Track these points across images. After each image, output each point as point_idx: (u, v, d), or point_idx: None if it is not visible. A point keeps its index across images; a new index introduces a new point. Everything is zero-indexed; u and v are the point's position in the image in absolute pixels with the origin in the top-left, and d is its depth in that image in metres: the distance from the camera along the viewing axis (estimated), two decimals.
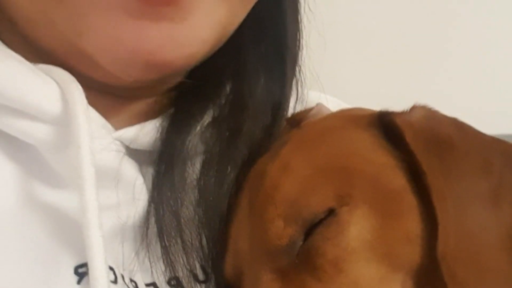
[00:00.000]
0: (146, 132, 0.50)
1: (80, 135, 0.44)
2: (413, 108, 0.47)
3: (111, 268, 0.44)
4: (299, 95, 0.59)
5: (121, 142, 0.50)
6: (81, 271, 0.44)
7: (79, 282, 0.43)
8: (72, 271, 0.44)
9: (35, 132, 0.46)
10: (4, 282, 0.41)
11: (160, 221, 0.47)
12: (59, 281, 0.43)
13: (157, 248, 0.47)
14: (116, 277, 0.44)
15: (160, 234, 0.47)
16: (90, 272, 0.41)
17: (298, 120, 0.56)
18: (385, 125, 0.46)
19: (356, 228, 0.41)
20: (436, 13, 1.31)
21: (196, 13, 0.46)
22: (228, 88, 0.55)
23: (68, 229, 0.45)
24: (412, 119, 0.45)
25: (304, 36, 0.60)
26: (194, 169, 0.50)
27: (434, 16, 1.30)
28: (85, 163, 0.43)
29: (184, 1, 0.45)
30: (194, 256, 0.47)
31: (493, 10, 1.33)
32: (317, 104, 0.58)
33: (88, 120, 0.45)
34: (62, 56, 0.48)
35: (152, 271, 0.47)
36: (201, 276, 0.48)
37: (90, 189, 0.43)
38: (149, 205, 0.48)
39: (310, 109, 0.58)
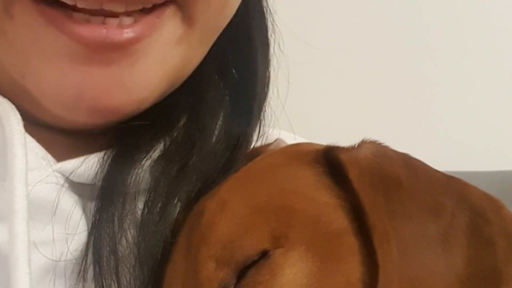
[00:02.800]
0: (89, 166, 0.48)
1: (14, 165, 0.43)
2: (362, 143, 0.45)
3: None
4: (260, 133, 0.57)
5: (62, 175, 0.48)
6: None
7: None
8: None
9: None
10: None
11: (98, 259, 0.45)
12: None
13: (91, 287, 0.45)
14: None
15: (96, 272, 0.45)
16: None
17: (255, 156, 0.54)
18: (330, 162, 0.44)
19: (291, 272, 0.39)
20: (402, 56, 1.31)
21: (146, 58, 0.45)
22: (181, 122, 0.53)
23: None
24: (358, 156, 0.43)
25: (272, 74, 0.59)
26: (137, 205, 0.48)
27: (400, 59, 1.30)
28: (17, 195, 0.42)
29: (132, 48, 0.44)
30: None
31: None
32: (276, 140, 0.57)
33: (25, 150, 0.43)
34: (7, 93, 0.47)
35: None
36: None
37: (20, 222, 0.41)
38: (87, 241, 0.46)
39: (269, 145, 0.56)
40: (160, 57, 0.46)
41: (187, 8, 0.47)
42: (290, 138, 0.59)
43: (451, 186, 0.44)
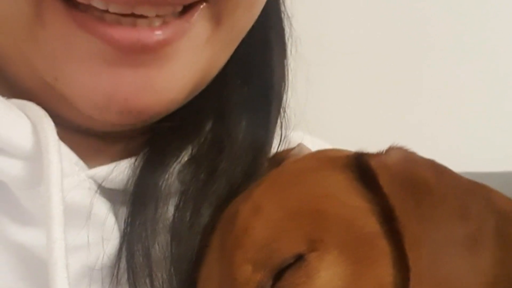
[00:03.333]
0: (120, 171, 0.49)
1: (50, 172, 0.44)
2: (389, 149, 0.46)
3: None
4: (282, 137, 0.58)
5: (95, 181, 0.49)
6: None
7: None
8: None
9: (5, 167, 0.45)
10: None
11: (131, 263, 0.46)
12: None
13: None
14: None
15: (130, 276, 0.46)
16: None
17: (279, 160, 0.55)
18: (360, 167, 0.45)
19: (327, 274, 0.40)
20: (421, 58, 1.32)
21: (175, 61, 0.46)
22: (209, 126, 0.54)
23: (35, 269, 0.45)
24: (388, 161, 0.45)
25: (290, 77, 0.60)
26: (168, 210, 0.49)
27: (418, 60, 1.31)
28: (54, 201, 0.43)
29: (162, 50, 0.45)
30: None
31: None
32: (298, 144, 0.58)
33: (60, 157, 0.44)
34: (39, 95, 0.48)
35: None
36: None
37: (57, 228, 0.42)
38: (120, 246, 0.47)
39: (291, 149, 0.57)
40: (188, 60, 0.47)
41: (217, 7, 0.47)
42: (308, 141, 0.60)
43: (476, 191, 0.45)
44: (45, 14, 0.44)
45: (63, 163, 0.45)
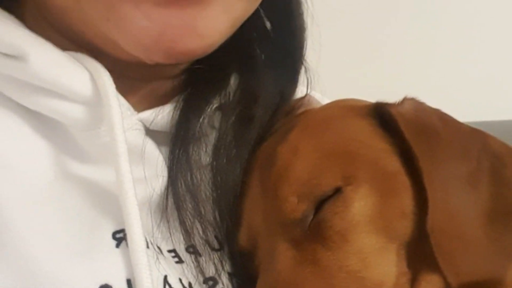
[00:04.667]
0: (165, 114, 0.55)
1: (113, 115, 0.49)
2: (404, 100, 0.53)
3: None
4: (309, 81, 0.64)
5: (143, 124, 0.54)
6: (119, 236, 0.48)
7: (117, 246, 0.48)
8: (110, 236, 0.48)
9: (67, 111, 0.50)
10: (53, 248, 0.45)
11: (176, 197, 0.52)
12: (100, 245, 0.47)
13: (177, 220, 0.52)
14: (147, 243, 0.49)
15: (177, 209, 0.52)
16: (128, 236, 0.46)
17: (290, 108, 0.62)
18: (380, 115, 0.52)
19: (360, 204, 0.48)
20: (426, 18, 1.38)
21: (215, 7, 0.50)
22: (234, 77, 0.60)
23: (103, 200, 0.50)
24: (403, 110, 0.52)
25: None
26: (206, 149, 0.55)
27: (424, 21, 1.37)
28: (119, 140, 0.48)
29: None
30: (209, 228, 0.53)
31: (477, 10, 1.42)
32: (307, 95, 0.64)
33: (118, 102, 0.50)
34: (88, 38, 0.52)
35: (172, 239, 0.52)
36: (215, 245, 0.53)
37: (124, 163, 0.48)
38: (167, 182, 0.53)
39: (301, 99, 0.64)
40: (226, 7, 0.51)
41: None
42: (317, 97, 0.67)
43: (475, 135, 0.53)
44: None
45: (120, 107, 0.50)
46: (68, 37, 0.53)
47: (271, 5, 0.60)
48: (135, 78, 0.57)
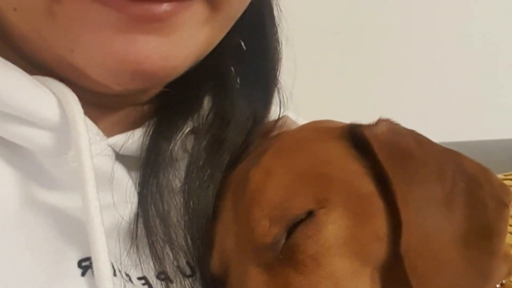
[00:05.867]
0: (135, 139, 0.54)
1: (80, 141, 0.48)
2: (378, 121, 0.53)
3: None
4: (280, 113, 0.64)
5: (113, 149, 0.54)
6: (85, 265, 0.48)
7: (83, 274, 0.47)
8: (76, 264, 0.47)
9: (34, 137, 0.49)
10: (17, 276, 0.45)
11: (147, 223, 0.52)
12: (66, 274, 0.46)
13: (147, 246, 0.51)
14: (114, 270, 0.48)
15: (148, 235, 0.51)
16: (94, 264, 0.45)
17: (266, 130, 0.62)
18: (355, 137, 0.52)
19: (333, 227, 0.47)
20: (401, 38, 1.38)
21: (180, 32, 0.50)
22: (207, 100, 0.59)
23: (70, 227, 0.49)
24: (377, 132, 0.51)
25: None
26: (178, 174, 0.55)
27: (399, 40, 1.38)
28: (86, 166, 0.47)
29: (169, 20, 0.49)
30: (180, 254, 0.52)
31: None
32: (283, 116, 0.64)
33: (86, 127, 0.49)
34: (54, 67, 0.52)
35: (142, 267, 0.51)
36: (187, 271, 0.52)
37: (91, 189, 0.47)
38: (138, 207, 0.52)
39: (277, 121, 0.63)
40: (190, 32, 0.51)
41: None
42: (293, 117, 0.66)
43: (450, 156, 0.53)
44: None
45: (88, 133, 0.49)
46: (35, 66, 0.53)
47: (245, 26, 0.60)
48: (105, 106, 0.56)
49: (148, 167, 0.54)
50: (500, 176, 0.95)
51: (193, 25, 0.51)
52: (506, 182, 0.91)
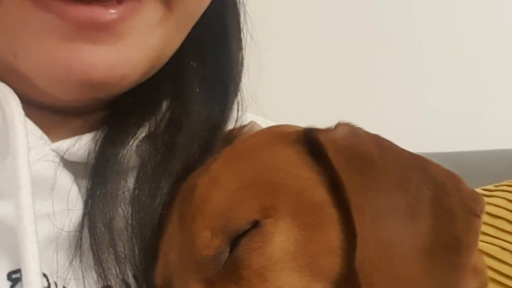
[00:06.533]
0: (82, 145, 0.52)
1: (17, 145, 0.46)
2: (338, 125, 0.50)
3: (44, 275, 0.46)
4: (239, 117, 0.61)
5: (58, 154, 0.51)
6: (15, 277, 0.45)
7: (12, 287, 0.44)
8: (5, 276, 0.45)
9: None
10: None
11: (93, 232, 0.49)
12: None
13: (90, 258, 0.48)
14: (49, 284, 0.45)
15: (93, 245, 0.48)
16: (23, 277, 0.43)
17: (231, 137, 0.58)
18: (310, 142, 0.48)
19: (280, 239, 0.44)
20: (373, 40, 1.36)
21: (128, 38, 0.48)
22: (165, 105, 0.56)
23: (4, 237, 0.46)
24: (335, 136, 0.48)
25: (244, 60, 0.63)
26: (127, 182, 0.51)
27: (372, 43, 1.35)
28: (21, 172, 0.45)
29: (116, 28, 0.47)
30: (127, 266, 0.49)
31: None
32: (250, 122, 0.61)
33: (25, 130, 0.46)
34: (1, 74, 0.49)
35: (84, 280, 0.48)
36: (133, 286, 0.49)
37: (26, 196, 0.45)
38: (83, 216, 0.49)
39: (243, 127, 0.60)
40: (141, 38, 0.49)
41: None
42: (261, 122, 0.63)
43: (416, 163, 0.49)
44: None
45: (28, 137, 0.46)
46: None
47: (206, 27, 0.57)
48: (55, 111, 0.53)
49: (96, 174, 0.51)
50: (490, 186, 0.92)
51: (143, 29, 0.49)
52: (496, 193, 0.88)
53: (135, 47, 0.49)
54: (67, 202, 0.49)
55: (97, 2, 0.46)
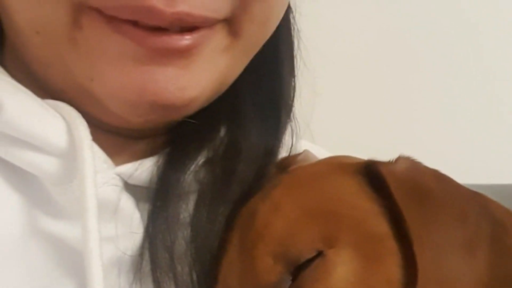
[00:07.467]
0: (145, 169, 0.53)
1: (85, 168, 0.47)
2: (398, 158, 0.50)
3: None
4: (293, 144, 0.62)
5: (121, 178, 0.52)
6: None
7: None
8: None
9: (41, 163, 0.48)
10: None
11: (154, 256, 0.49)
12: None
13: (150, 282, 0.49)
14: None
15: (153, 269, 0.49)
16: None
17: (285, 165, 0.59)
18: (371, 174, 0.49)
19: (343, 270, 0.44)
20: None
21: (198, 63, 0.49)
22: (223, 131, 0.58)
23: (69, 258, 0.47)
24: (396, 170, 0.48)
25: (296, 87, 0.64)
26: (188, 206, 0.52)
27: (419, 71, 1.34)
28: (88, 195, 0.46)
29: (188, 52, 0.48)
30: None
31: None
32: (304, 151, 0.62)
33: (93, 154, 0.47)
34: (72, 97, 0.51)
35: None
36: None
37: (92, 219, 0.45)
38: (143, 240, 0.50)
39: (298, 155, 0.61)
40: (209, 63, 0.51)
41: (234, 24, 0.51)
42: (314, 150, 0.64)
43: (475, 199, 0.50)
44: (83, 20, 0.47)
45: (95, 160, 0.48)
46: (48, 92, 0.52)
47: (259, 54, 0.58)
48: (119, 135, 0.55)
49: (157, 199, 0.52)
50: None
51: (212, 53, 0.50)
52: None
53: (203, 71, 0.50)
54: (130, 226, 0.50)
55: (174, 30, 0.48)
